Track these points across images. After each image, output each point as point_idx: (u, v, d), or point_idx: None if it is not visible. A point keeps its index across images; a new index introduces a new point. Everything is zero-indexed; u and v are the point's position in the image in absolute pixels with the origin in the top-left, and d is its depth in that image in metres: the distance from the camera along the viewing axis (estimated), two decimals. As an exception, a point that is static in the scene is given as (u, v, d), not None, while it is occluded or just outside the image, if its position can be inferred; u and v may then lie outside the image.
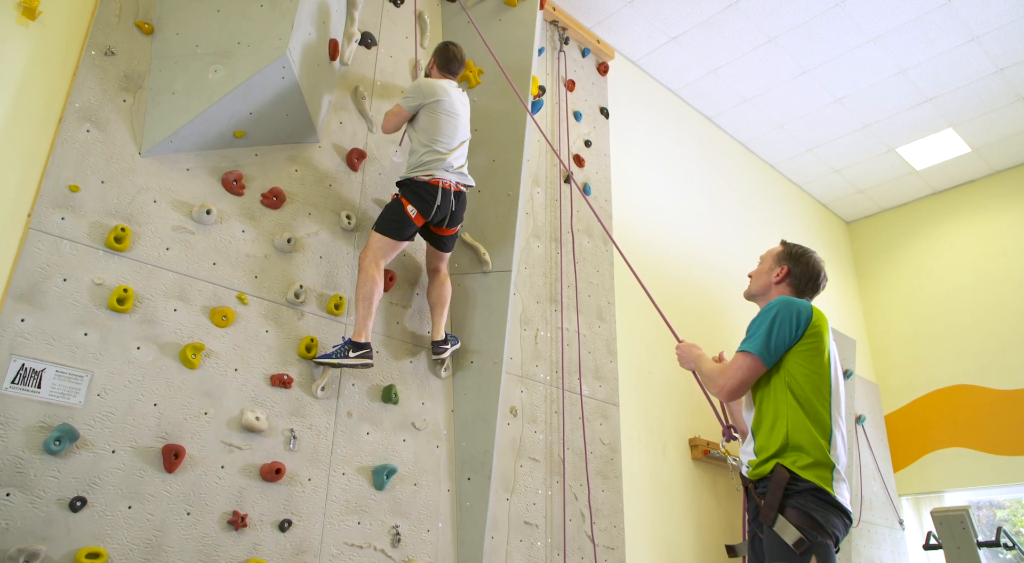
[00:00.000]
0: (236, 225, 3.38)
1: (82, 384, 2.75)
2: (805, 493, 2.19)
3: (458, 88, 3.89)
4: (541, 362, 4.44)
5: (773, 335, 2.38)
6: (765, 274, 2.74)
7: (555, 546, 4.09)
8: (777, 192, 8.15)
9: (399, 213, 3.55)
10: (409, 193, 3.58)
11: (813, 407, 2.30)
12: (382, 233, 3.55)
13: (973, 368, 7.62)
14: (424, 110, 3.69)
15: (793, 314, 2.40)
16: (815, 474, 2.21)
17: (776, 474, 2.24)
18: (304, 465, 3.27)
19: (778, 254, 2.75)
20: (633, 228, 5.99)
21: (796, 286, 2.65)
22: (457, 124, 3.74)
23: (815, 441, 2.25)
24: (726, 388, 2.44)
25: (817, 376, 2.36)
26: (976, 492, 7.51)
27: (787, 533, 2.14)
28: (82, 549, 2.58)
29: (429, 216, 3.58)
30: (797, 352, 2.38)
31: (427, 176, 3.58)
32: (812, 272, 2.68)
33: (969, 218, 8.23)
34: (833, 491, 2.20)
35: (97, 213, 2.96)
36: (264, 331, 3.32)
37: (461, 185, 3.73)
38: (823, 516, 2.17)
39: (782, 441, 2.28)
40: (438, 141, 3.64)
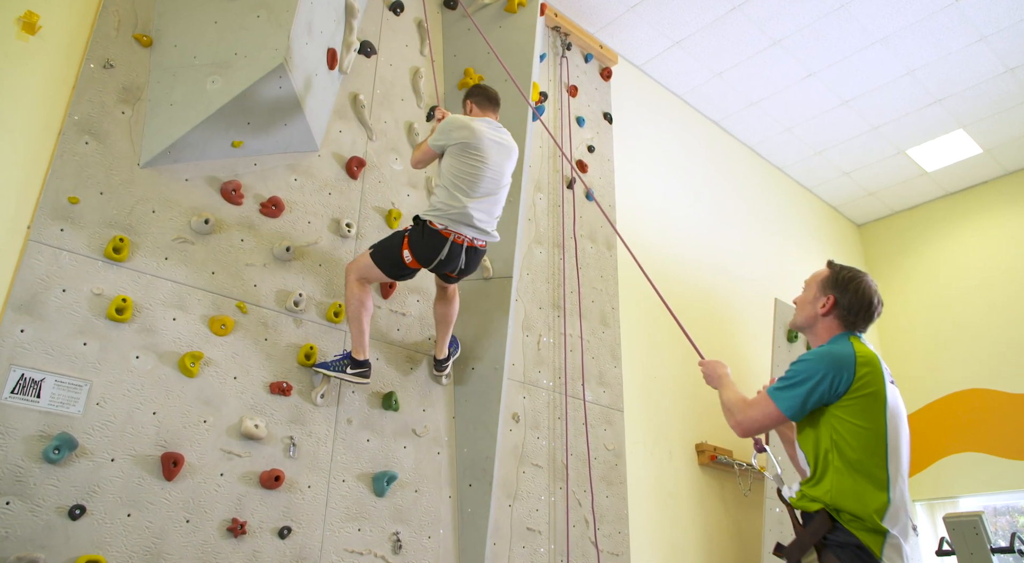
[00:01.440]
0: (235, 234, 3.40)
1: (81, 393, 2.78)
2: (848, 548, 2.03)
3: (499, 129, 3.50)
4: (544, 368, 4.43)
5: (805, 393, 2.14)
6: (810, 305, 2.40)
7: (558, 552, 4.08)
8: (786, 195, 8.11)
9: (396, 254, 3.31)
10: (415, 236, 3.28)
11: (865, 468, 2.08)
12: (374, 261, 3.35)
13: (987, 371, 7.53)
14: (450, 150, 3.36)
15: (832, 372, 2.13)
16: (863, 535, 2.04)
17: (818, 519, 2.09)
18: (304, 472, 3.28)
19: (823, 281, 2.40)
20: (638, 233, 5.98)
21: (845, 318, 2.33)
22: (484, 172, 3.33)
23: (864, 507, 2.06)
24: (742, 426, 2.25)
25: (869, 433, 2.11)
26: (991, 497, 7.41)
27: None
28: (81, 557, 2.61)
29: (428, 266, 3.33)
30: (843, 407, 2.14)
31: (440, 226, 3.27)
32: (863, 301, 2.33)
33: (981, 220, 8.14)
34: (881, 556, 2.02)
35: (96, 224, 2.99)
36: (263, 339, 3.35)
37: (478, 241, 3.38)
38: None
39: (827, 500, 2.10)
40: (460, 188, 3.29)
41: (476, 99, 3.61)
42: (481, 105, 3.60)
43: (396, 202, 4.10)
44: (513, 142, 3.54)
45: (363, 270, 3.36)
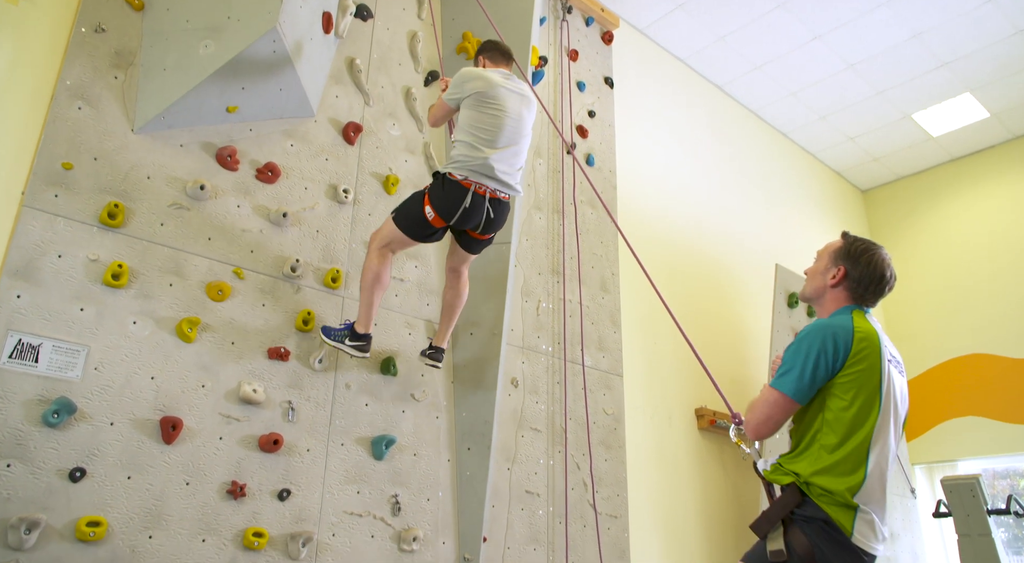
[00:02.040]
0: (231, 200, 3.40)
1: (79, 358, 2.80)
2: (815, 523, 2.03)
3: (514, 80, 3.40)
4: (543, 333, 4.45)
5: (807, 372, 2.09)
6: (820, 275, 2.35)
7: (557, 514, 4.12)
8: (790, 161, 8.04)
9: (417, 210, 3.19)
10: (435, 190, 3.17)
11: (847, 447, 2.07)
12: (396, 224, 3.24)
13: (989, 337, 7.53)
14: (466, 102, 3.27)
15: (830, 344, 2.10)
16: (833, 509, 2.03)
17: (787, 493, 2.09)
18: (303, 436, 3.32)
19: (835, 252, 2.35)
20: (639, 199, 5.95)
21: (855, 290, 2.28)
22: (503, 121, 3.24)
23: (837, 484, 2.05)
24: (752, 426, 2.19)
25: (860, 409, 2.09)
26: (991, 461, 7.46)
27: (772, 542, 2.05)
28: (83, 518, 2.65)
29: (451, 220, 3.18)
30: (838, 384, 2.11)
31: (460, 176, 3.15)
32: (875, 274, 2.27)
33: (987, 185, 8.07)
34: (852, 531, 2.01)
35: (91, 190, 2.99)
36: (261, 305, 3.36)
37: (501, 193, 3.25)
38: (829, 552, 2.01)
39: (806, 469, 2.10)
40: (479, 138, 3.19)
41: (488, 54, 3.51)
42: (494, 59, 3.49)
43: (394, 168, 4.08)
44: (531, 92, 3.45)
45: (386, 236, 3.26)
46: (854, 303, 2.30)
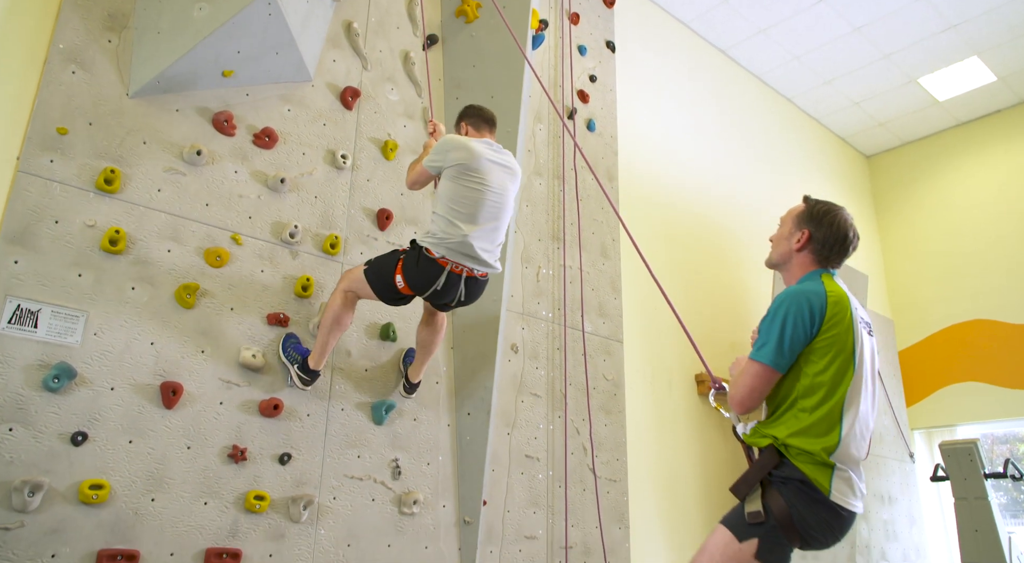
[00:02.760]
0: (228, 166, 3.38)
1: (78, 324, 2.81)
2: (791, 483, 2.06)
3: (499, 149, 3.22)
4: (543, 299, 4.45)
5: (786, 339, 2.10)
6: (785, 240, 2.37)
7: (556, 478, 4.16)
8: (794, 126, 7.97)
9: (388, 275, 3.05)
10: (410, 262, 3.01)
11: (822, 409, 2.09)
12: (367, 279, 3.11)
13: (991, 303, 7.52)
14: (447, 173, 3.09)
15: (805, 310, 2.11)
16: (810, 468, 2.05)
17: (765, 454, 2.11)
18: (302, 401, 3.34)
19: (798, 216, 2.36)
20: (641, 164, 5.91)
21: (820, 252, 2.30)
22: (485, 196, 3.05)
23: (813, 444, 2.07)
24: (736, 399, 2.18)
25: (835, 372, 2.11)
26: (989, 425, 7.50)
27: (750, 503, 2.07)
28: (85, 481, 2.68)
29: (422, 294, 3.08)
30: (814, 349, 2.12)
31: (437, 254, 2.98)
32: (838, 235, 2.29)
33: (993, 150, 8.00)
34: (830, 489, 2.04)
35: (86, 155, 2.97)
36: (259, 271, 3.36)
37: (478, 271, 3.11)
38: (804, 513, 2.03)
39: (783, 432, 2.12)
40: (458, 213, 3.02)
41: (471, 120, 3.33)
42: (477, 126, 3.32)
43: (392, 133, 4.05)
44: (516, 164, 3.28)
45: (355, 282, 3.14)
46: (820, 266, 2.32)
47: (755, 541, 2.02)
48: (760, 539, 2.02)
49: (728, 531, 2.09)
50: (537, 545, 3.98)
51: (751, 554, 2.02)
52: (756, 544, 2.02)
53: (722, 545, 2.08)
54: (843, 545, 5.81)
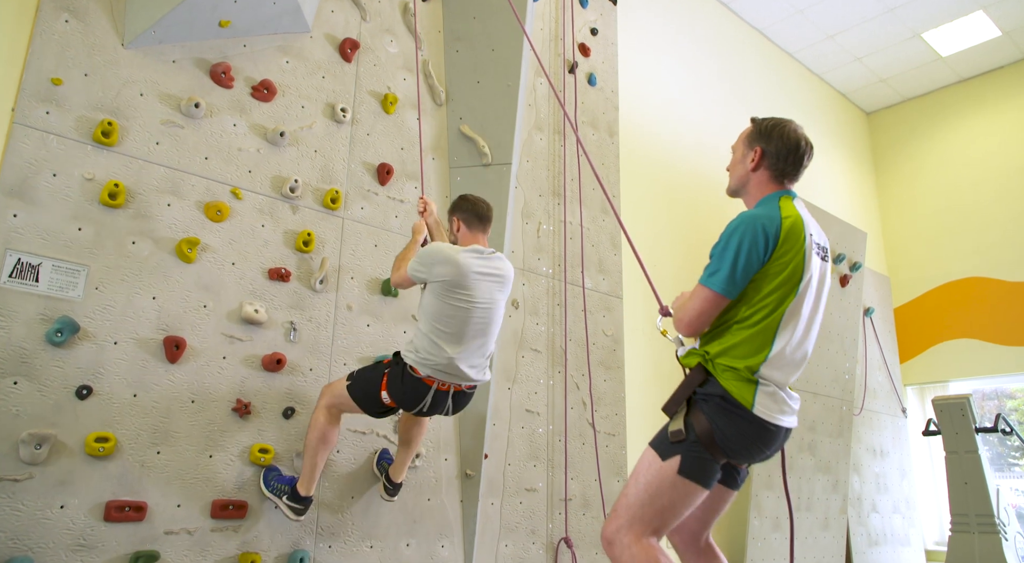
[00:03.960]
0: (227, 118, 3.33)
1: (79, 278, 2.79)
2: (712, 399, 2.08)
3: (488, 256, 2.98)
4: (543, 255, 4.44)
5: (739, 268, 2.09)
6: (739, 164, 2.33)
7: (556, 433, 4.21)
8: (795, 82, 7.88)
9: (374, 391, 2.90)
10: (394, 380, 2.87)
11: (757, 327, 2.10)
12: (351, 394, 2.94)
13: (987, 261, 7.55)
14: (431, 288, 2.89)
15: (759, 235, 2.09)
16: (734, 385, 2.07)
17: (692, 372, 2.15)
18: (305, 356, 3.35)
19: (747, 137, 2.33)
20: (641, 119, 5.86)
21: (775, 167, 2.25)
22: (472, 314, 2.87)
23: (740, 360, 2.09)
24: (684, 322, 2.17)
25: (779, 294, 2.11)
26: (980, 381, 7.60)
27: (673, 423, 2.12)
28: (91, 434, 2.70)
29: (409, 411, 2.96)
30: (764, 275, 2.12)
31: (423, 373, 2.84)
32: (790, 143, 2.24)
33: (995, 107, 7.94)
34: (753, 404, 2.05)
35: (82, 107, 2.92)
36: (260, 225, 3.33)
37: (466, 384, 2.97)
38: (725, 428, 2.06)
39: (715, 349, 2.13)
40: (443, 333, 2.85)
41: (464, 216, 3.08)
42: (470, 224, 3.06)
43: (392, 86, 3.99)
44: (507, 268, 3.06)
45: (337, 397, 2.97)
46: (777, 183, 2.28)
47: (677, 458, 2.06)
48: (681, 456, 2.06)
49: (653, 451, 2.14)
50: (537, 497, 4.04)
51: (674, 471, 2.06)
52: (678, 461, 2.06)
53: (647, 465, 2.12)
54: (836, 497, 5.92)
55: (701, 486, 2.08)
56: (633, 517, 2.09)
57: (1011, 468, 7.49)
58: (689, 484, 2.07)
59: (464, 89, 4.24)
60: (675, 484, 2.06)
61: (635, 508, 2.10)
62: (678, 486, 2.06)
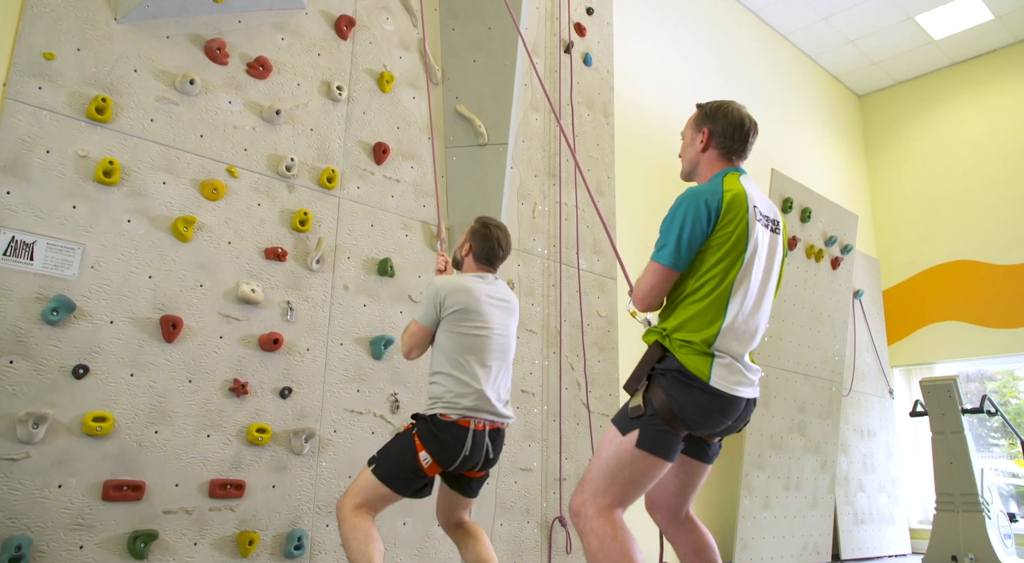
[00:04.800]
0: (222, 96, 3.29)
1: (75, 257, 2.76)
2: (669, 374, 2.12)
3: (495, 283, 2.88)
4: (539, 236, 4.43)
5: (684, 241, 2.15)
6: (689, 147, 2.42)
7: (551, 413, 4.23)
8: (788, 65, 7.87)
9: (410, 460, 2.60)
10: (427, 433, 2.61)
11: (707, 300, 2.15)
12: (381, 478, 2.60)
13: (976, 244, 7.61)
14: (445, 324, 2.74)
15: (702, 208, 2.16)
16: (690, 359, 2.11)
17: (650, 349, 2.19)
18: (302, 336, 3.34)
19: (693, 120, 2.43)
20: (636, 100, 5.84)
21: (723, 145, 2.34)
22: (492, 341, 2.75)
23: (695, 334, 2.13)
24: (638, 297, 2.24)
25: (725, 265, 2.17)
26: (966, 363, 7.69)
27: (633, 399, 2.17)
28: (88, 413, 2.68)
29: (450, 467, 2.65)
30: (709, 246, 2.18)
31: (456, 416, 2.63)
32: (734, 122, 2.34)
33: (986, 90, 7.96)
34: (709, 376, 2.10)
35: (76, 82, 2.87)
36: (256, 204, 3.31)
37: (499, 422, 2.76)
38: (682, 400, 2.10)
39: (671, 325, 2.18)
40: (466, 367, 2.68)
41: (477, 243, 2.88)
42: (481, 253, 2.88)
43: (388, 65, 3.95)
44: (514, 296, 2.96)
45: (363, 492, 2.61)
46: (725, 161, 2.36)
47: (635, 432, 2.11)
48: (640, 430, 2.11)
49: (614, 427, 2.19)
50: (532, 477, 4.06)
51: (632, 444, 2.11)
52: (636, 435, 2.11)
53: (608, 440, 2.18)
54: (824, 476, 6.00)
55: (661, 459, 2.13)
56: (597, 490, 2.14)
57: (990, 448, 7.60)
58: (648, 457, 2.11)
59: (460, 68, 4.21)
60: (635, 458, 2.11)
61: (599, 482, 2.15)
62: (638, 460, 2.12)
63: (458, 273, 2.96)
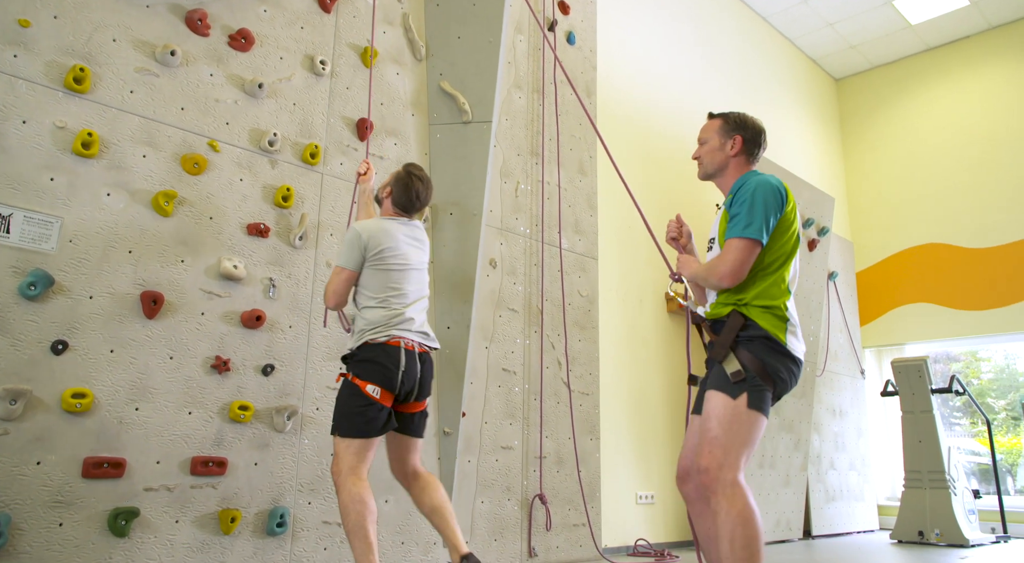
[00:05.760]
0: (203, 68, 3.22)
1: (52, 230, 2.70)
2: (757, 340, 2.36)
3: (410, 224, 3.04)
4: (521, 215, 4.43)
5: (771, 217, 2.42)
6: (718, 151, 2.65)
7: (532, 391, 4.25)
8: (768, 47, 7.90)
9: (360, 400, 2.71)
10: (363, 366, 2.76)
11: (779, 273, 2.45)
12: (347, 434, 2.71)
13: (948, 228, 7.74)
14: (368, 263, 2.88)
15: (778, 194, 2.46)
16: (769, 323, 2.36)
17: (732, 318, 2.40)
18: (284, 313, 3.31)
19: (722, 127, 2.67)
20: (618, 80, 5.83)
21: (750, 152, 2.64)
22: (409, 274, 2.93)
23: (774, 300, 2.41)
24: (726, 273, 2.40)
25: (790, 243, 2.49)
26: (935, 344, 7.84)
27: (730, 365, 2.35)
28: (68, 389, 2.64)
29: (395, 389, 2.77)
30: (778, 227, 2.48)
31: (384, 337, 2.79)
32: (759, 131, 2.66)
33: (960, 76, 8.06)
34: (785, 342, 2.36)
35: (52, 51, 2.80)
36: (238, 179, 3.26)
37: (425, 346, 2.92)
38: (771, 363, 2.34)
39: (749, 295, 2.41)
40: (392, 296, 2.86)
41: (397, 190, 3.02)
42: (399, 200, 3.01)
43: (372, 39, 3.89)
44: (426, 238, 3.12)
45: (348, 459, 2.70)
46: (749, 163, 2.65)
47: (744, 395, 2.31)
48: (748, 392, 2.31)
49: (721, 393, 2.35)
50: (513, 455, 4.09)
51: (745, 406, 2.30)
52: (746, 397, 2.31)
53: (721, 406, 2.33)
54: (797, 455, 6.11)
55: (765, 417, 2.35)
56: (727, 452, 2.28)
57: (951, 427, 7.78)
58: (758, 416, 2.32)
59: (444, 44, 4.16)
60: (750, 418, 2.31)
61: (727, 444, 2.28)
62: (753, 420, 2.31)
63: (377, 214, 3.12)
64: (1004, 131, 7.58)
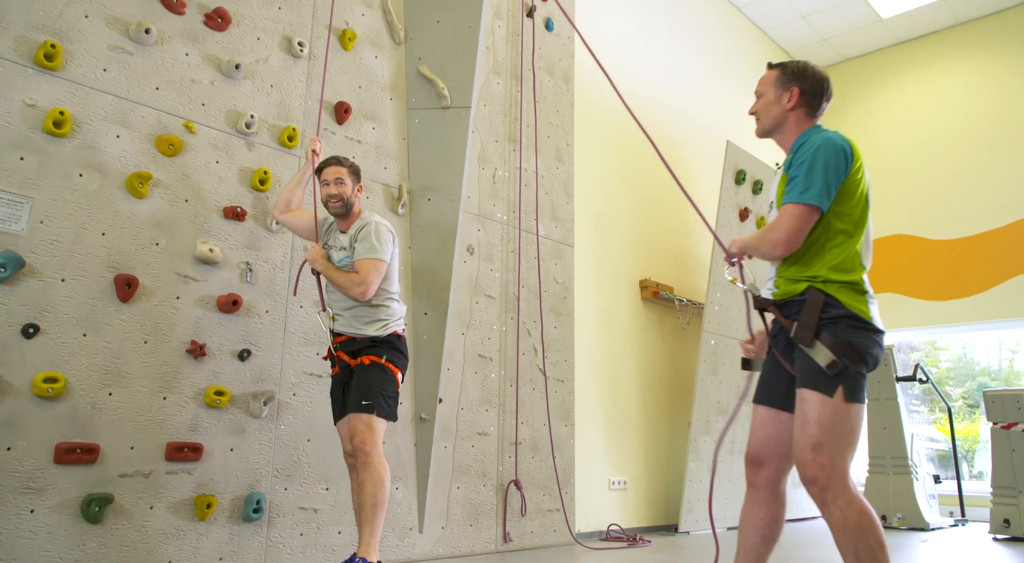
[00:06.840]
0: (179, 47, 3.15)
1: (23, 211, 2.64)
2: (840, 320, 2.10)
3: None
4: (499, 202, 4.42)
5: (832, 180, 2.18)
6: (774, 105, 2.40)
7: (508, 378, 4.26)
8: (742, 38, 7.95)
9: (394, 388, 2.92)
10: (394, 354, 2.95)
11: (852, 243, 2.21)
12: (386, 417, 2.86)
13: (913, 219, 7.89)
14: (393, 259, 3.06)
15: (843, 154, 2.21)
16: (851, 298, 2.12)
17: (811, 296, 2.15)
18: (261, 297, 3.27)
19: (779, 78, 2.40)
20: (595, 68, 5.82)
21: (811, 104, 2.37)
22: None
23: (856, 275, 2.17)
24: (780, 241, 2.19)
25: (861, 209, 2.24)
26: (899, 333, 8.00)
27: (820, 356, 2.08)
28: (39, 374, 2.59)
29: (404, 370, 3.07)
30: (843, 191, 2.23)
31: (402, 329, 3.04)
32: (822, 80, 2.38)
33: (927, 71, 8.20)
34: (870, 316, 2.12)
35: (22, 26, 2.72)
36: (215, 161, 3.20)
37: None
38: (860, 341, 2.08)
39: (823, 270, 2.18)
40: (399, 288, 3.11)
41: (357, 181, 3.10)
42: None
43: (350, 21, 3.84)
44: None
45: (379, 434, 2.83)
46: (812, 119, 2.39)
47: (840, 388, 2.06)
48: (843, 384, 2.06)
49: (815, 392, 2.09)
50: (488, 441, 4.10)
51: (843, 400, 2.05)
52: (842, 390, 2.06)
53: (819, 407, 2.08)
54: (765, 442, 6.19)
55: (863, 404, 2.12)
56: (833, 457, 2.06)
57: (911, 415, 7.96)
58: (858, 407, 2.09)
59: (423, 28, 4.12)
60: (850, 412, 2.07)
61: (832, 449, 2.06)
62: (854, 414, 2.08)
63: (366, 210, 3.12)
64: (969, 124, 7.73)
